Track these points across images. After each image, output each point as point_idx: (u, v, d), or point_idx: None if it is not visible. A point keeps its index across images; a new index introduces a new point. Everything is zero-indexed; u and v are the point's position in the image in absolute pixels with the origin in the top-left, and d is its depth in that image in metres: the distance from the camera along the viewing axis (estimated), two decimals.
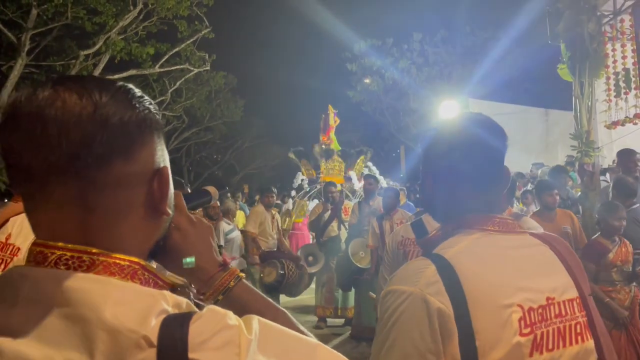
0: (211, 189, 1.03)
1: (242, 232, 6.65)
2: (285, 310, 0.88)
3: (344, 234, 6.78)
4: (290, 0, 20.45)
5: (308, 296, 7.33)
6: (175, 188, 0.79)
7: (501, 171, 1.17)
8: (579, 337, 1.06)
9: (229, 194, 8.25)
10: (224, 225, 6.57)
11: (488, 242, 1.10)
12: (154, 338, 0.58)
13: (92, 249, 0.64)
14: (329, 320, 6.80)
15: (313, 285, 6.86)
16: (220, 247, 5.76)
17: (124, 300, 0.61)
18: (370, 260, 5.66)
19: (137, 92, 0.70)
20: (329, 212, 6.82)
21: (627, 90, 6.21)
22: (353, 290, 6.37)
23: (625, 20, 6.31)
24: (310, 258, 6.64)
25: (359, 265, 5.91)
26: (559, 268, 1.11)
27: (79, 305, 0.59)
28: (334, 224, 6.83)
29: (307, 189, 11.72)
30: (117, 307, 0.59)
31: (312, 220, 7.05)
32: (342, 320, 6.77)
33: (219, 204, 6.38)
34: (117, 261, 0.65)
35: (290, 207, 10.28)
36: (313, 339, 0.72)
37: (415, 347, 0.97)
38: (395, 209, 5.48)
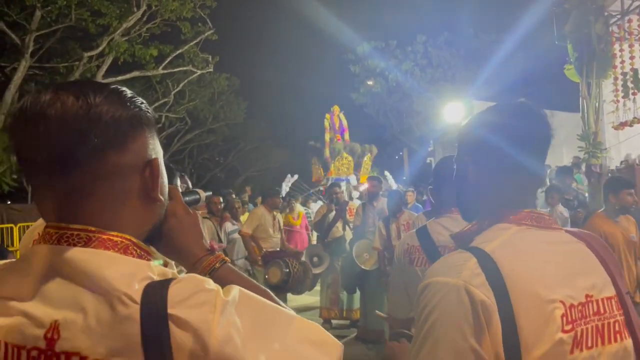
0: (200, 191, 1.13)
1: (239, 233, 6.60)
2: (270, 292, 0.91)
3: (348, 235, 6.74)
4: (294, 3, 20.45)
5: (313, 298, 7.29)
6: (168, 176, 0.90)
7: (536, 165, 1.14)
8: (618, 336, 1.05)
9: (233, 195, 8.18)
10: (228, 225, 6.53)
11: (526, 237, 1.08)
12: (138, 297, 0.68)
13: (90, 228, 0.74)
14: (334, 321, 6.75)
15: (318, 287, 6.81)
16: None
17: (113, 267, 0.71)
18: (378, 262, 5.61)
19: (129, 93, 0.79)
20: (334, 212, 6.78)
21: (635, 91, 6.17)
22: (358, 291, 6.33)
23: (633, 21, 6.28)
24: (315, 259, 6.59)
25: (363, 267, 5.86)
26: (596, 266, 1.10)
27: (75, 272, 0.71)
28: (339, 224, 6.78)
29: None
30: (106, 272, 0.70)
31: (316, 221, 7.02)
32: (347, 322, 6.72)
33: (221, 200, 6.36)
34: (111, 237, 0.75)
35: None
36: (292, 312, 0.80)
37: (466, 339, 0.94)
38: (400, 210, 5.44)
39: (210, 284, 0.73)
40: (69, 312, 0.68)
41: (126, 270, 0.72)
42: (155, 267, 0.75)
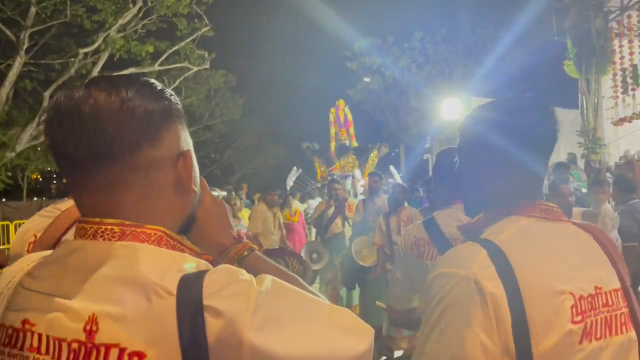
0: (217, 190, 1.09)
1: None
2: (299, 278, 0.92)
3: (347, 231, 6.71)
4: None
5: None
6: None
7: (541, 158, 1.15)
8: (624, 327, 1.06)
9: (233, 192, 8.16)
10: None
11: (535, 229, 1.08)
12: (174, 289, 0.70)
13: (124, 222, 0.75)
14: None
15: (317, 284, 6.80)
16: None
17: (149, 260, 0.73)
18: (377, 259, 5.58)
19: (159, 86, 0.80)
20: (333, 208, 6.76)
21: (635, 87, 6.18)
22: (357, 288, 6.30)
23: (632, 17, 6.27)
24: (315, 255, 6.57)
25: (362, 264, 5.84)
26: (603, 258, 1.11)
27: (112, 266, 0.72)
28: (338, 220, 6.76)
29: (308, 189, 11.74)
30: (141, 265, 0.72)
31: (315, 217, 6.99)
32: None
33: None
34: (145, 230, 0.76)
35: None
36: (322, 299, 0.82)
37: (474, 330, 0.94)
38: (402, 205, 5.41)
39: (243, 274, 0.74)
40: (106, 305, 0.70)
41: (161, 263, 0.73)
42: (190, 259, 0.77)
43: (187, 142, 0.84)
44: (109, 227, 0.75)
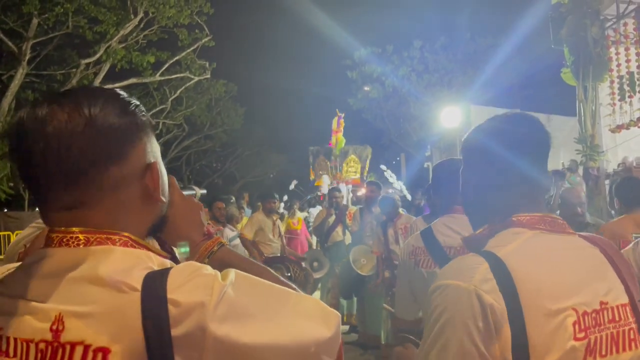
0: (196, 187, 1.16)
1: (239, 237, 6.57)
2: (270, 269, 0.94)
3: (348, 239, 6.72)
4: (291, 9, 20.55)
5: None
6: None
7: (539, 169, 1.15)
8: (632, 344, 1.03)
9: (233, 200, 8.16)
10: (228, 232, 6.50)
11: (540, 242, 1.07)
12: (138, 285, 0.71)
13: (90, 229, 0.76)
14: None
15: (318, 293, 6.79)
16: None
17: (114, 259, 0.74)
18: (376, 267, 5.58)
19: (124, 99, 0.80)
20: (333, 216, 6.77)
21: (632, 94, 6.20)
22: (355, 297, 6.29)
23: (628, 24, 6.31)
24: (315, 263, 6.57)
25: (360, 273, 5.83)
26: (610, 272, 1.08)
27: (77, 269, 0.73)
28: (339, 229, 6.77)
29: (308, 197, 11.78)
30: (107, 265, 0.73)
31: (316, 226, 7.00)
32: (346, 327, 6.69)
33: (224, 206, 6.34)
34: (110, 237, 0.77)
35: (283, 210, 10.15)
36: (289, 288, 0.83)
37: (475, 344, 0.93)
38: (397, 215, 5.42)
39: (208, 269, 0.75)
40: (71, 304, 0.71)
41: (126, 262, 0.74)
42: (155, 257, 0.78)
43: (153, 153, 0.83)
44: (74, 235, 0.76)
